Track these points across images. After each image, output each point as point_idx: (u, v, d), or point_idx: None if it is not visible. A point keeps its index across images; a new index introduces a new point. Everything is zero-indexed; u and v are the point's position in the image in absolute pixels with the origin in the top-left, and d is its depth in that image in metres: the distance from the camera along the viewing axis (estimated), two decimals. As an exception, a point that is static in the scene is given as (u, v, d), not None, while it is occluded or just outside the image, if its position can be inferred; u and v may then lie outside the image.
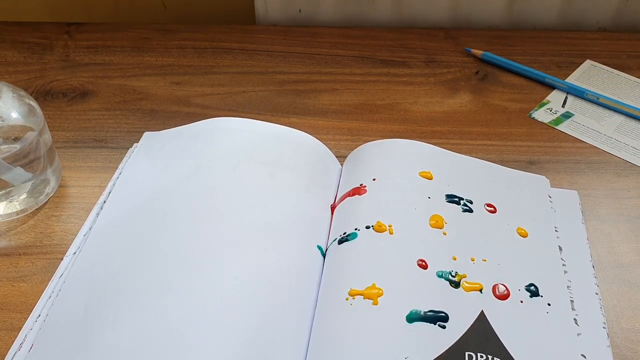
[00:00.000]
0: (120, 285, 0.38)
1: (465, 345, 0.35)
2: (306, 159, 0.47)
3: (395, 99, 0.57)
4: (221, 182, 0.44)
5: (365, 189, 0.44)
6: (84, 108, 0.56)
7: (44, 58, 0.62)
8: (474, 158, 0.48)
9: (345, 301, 0.37)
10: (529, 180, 0.47)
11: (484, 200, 0.44)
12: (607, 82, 0.59)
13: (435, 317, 0.36)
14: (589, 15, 0.67)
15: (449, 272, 0.39)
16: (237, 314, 0.36)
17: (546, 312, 0.38)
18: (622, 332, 0.39)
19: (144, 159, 0.47)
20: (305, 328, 0.37)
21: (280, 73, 0.60)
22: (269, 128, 0.48)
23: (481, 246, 0.41)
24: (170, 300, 0.37)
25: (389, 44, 0.64)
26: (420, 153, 0.47)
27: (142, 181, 0.45)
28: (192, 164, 0.45)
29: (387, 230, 0.41)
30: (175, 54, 0.62)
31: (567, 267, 0.41)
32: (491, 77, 0.60)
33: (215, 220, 0.41)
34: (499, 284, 0.39)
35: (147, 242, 0.40)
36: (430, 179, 0.45)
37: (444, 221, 0.42)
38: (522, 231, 0.43)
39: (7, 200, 0.45)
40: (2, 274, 0.42)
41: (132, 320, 0.36)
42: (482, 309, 0.37)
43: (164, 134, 0.50)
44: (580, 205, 0.46)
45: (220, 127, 0.48)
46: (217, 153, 0.46)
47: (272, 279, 0.38)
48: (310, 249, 0.41)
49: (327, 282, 0.39)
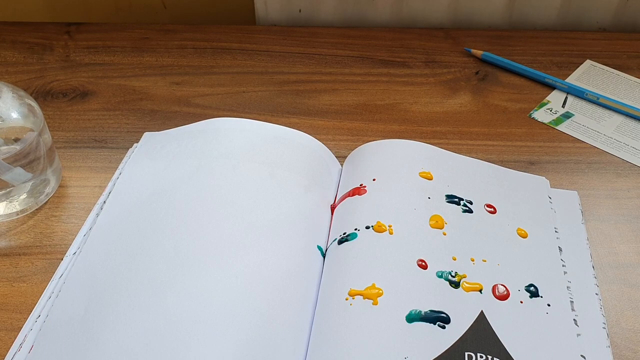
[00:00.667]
0: (121, 286, 0.38)
1: (464, 345, 0.35)
2: (306, 159, 0.47)
3: (395, 99, 0.57)
4: (221, 182, 0.44)
5: (365, 189, 0.44)
6: (84, 108, 0.56)
7: (44, 58, 0.62)
8: (474, 159, 0.48)
9: (345, 301, 0.37)
10: (529, 180, 0.47)
11: (484, 201, 0.44)
12: (607, 82, 0.59)
13: (435, 317, 0.36)
14: (589, 16, 0.67)
15: (449, 272, 0.39)
16: (238, 314, 0.36)
17: (546, 312, 0.38)
18: (622, 332, 0.39)
19: (144, 159, 0.47)
20: (305, 328, 0.37)
21: (280, 73, 0.60)
22: (269, 128, 0.48)
23: (481, 247, 0.41)
24: (170, 300, 0.37)
25: (389, 44, 0.64)
26: (420, 153, 0.47)
27: (142, 181, 0.45)
28: (192, 164, 0.45)
29: (387, 230, 0.41)
30: (175, 54, 0.62)
31: (567, 268, 0.41)
32: (491, 77, 0.60)
33: (216, 220, 0.41)
34: (499, 284, 0.39)
35: (147, 242, 0.40)
36: (430, 180, 0.45)
37: (444, 221, 0.42)
38: (522, 232, 0.43)
39: (7, 200, 0.45)
40: (2, 274, 0.42)
41: (133, 321, 0.36)
42: (482, 309, 0.38)
43: (163, 134, 0.50)
44: (580, 205, 0.46)
45: (220, 128, 0.48)
46: (217, 153, 0.46)
47: (272, 279, 0.38)
48: (310, 249, 0.41)
49: (327, 282, 0.39)
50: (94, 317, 0.37)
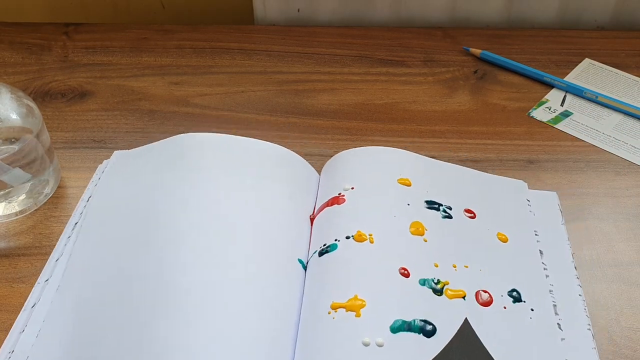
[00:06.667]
0: (105, 320, 0.37)
1: (450, 353, 0.35)
2: (282, 170, 0.46)
3: (394, 99, 0.57)
4: (199, 199, 0.42)
5: (344, 198, 0.43)
6: (82, 108, 0.56)
7: (42, 59, 0.62)
8: (452, 164, 0.48)
9: (328, 315, 0.36)
10: (507, 184, 0.47)
11: (463, 206, 0.44)
12: (606, 81, 0.59)
13: (420, 326, 0.36)
14: (587, 14, 0.67)
15: (432, 279, 0.38)
16: (221, 331, 0.36)
17: (529, 317, 0.38)
18: (622, 330, 0.39)
19: (116, 180, 0.46)
20: (289, 345, 0.36)
21: (278, 73, 0.60)
22: (242, 141, 0.47)
23: (462, 252, 0.41)
24: (155, 326, 0.36)
25: (388, 43, 0.64)
26: (398, 160, 0.46)
27: (116, 203, 0.43)
28: (168, 180, 0.44)
29: (368, 239, 0.40)
30: (173, 54, 0.62)
31: (549, 271, 0.41)
32: (490, 76, 0.60)
33: (196, 237, 0.40)
34: (482, 290, 0.39)
35: (126, 267, 0.39)
36: (409, 186, 0.44)
37: (424, 228, 0.41)
38: (502, 236, 0.42)
39: (6, 201, 0.45)
40: (1, 275, 0.42)
41: (120, 354, 0.35)
42: (466, 316, 0.37)
43: (134, 152, 0.48)
44: (559, 206, 0.46)
45: (192, 143, 0.46)
46: (193, 167, 0.44)
47: (255, 296, 0.38)
48: (291, 263, 0.40)
49: (309, 297, 0.39)
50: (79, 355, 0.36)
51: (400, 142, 0.52)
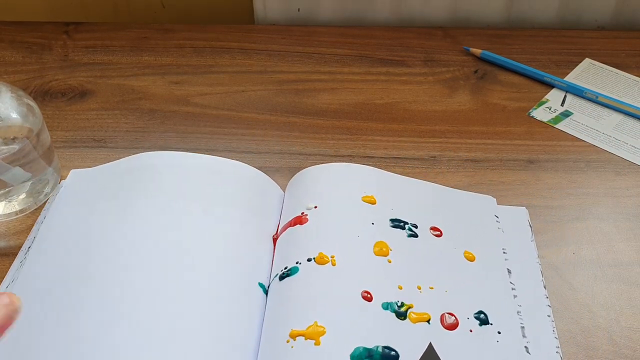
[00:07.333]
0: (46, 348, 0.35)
1: None
2: (242, 190, 0.44)
3: (394, 98, 0.57)
4: (150, 225, 0.41)
5: (306, 218, 0.41)
6: (82, 108, 0.56)
7: (42, 58, 0.62)
8: (418, 180, 0.47)
9: (286, 344, 0.35)
10: (475, 200, 0.46)
11: (429, 224, 0.43)
12: (606, 81, 0.59)
13: (382, 353, 0.34)
14: (587, 14, 0.67)
15: (395, 302, 0.37)
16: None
17: (496, 340, 0.37)
18: (622, 330, 0.39)
19: (69, 202, 0.45)
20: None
21: (279, 72, 0.60)
22: (201, 161, 0.45)
23: (427, 273, 0.39)
24: (104, 354, 0.34)
25: (388, 43, 0.64)
26: (363, 177, 0.45)
27: (66, 228, 0.42)
28: (119, 207, 0.42)
29: (330, 261, 0.38)
30: (174, 54, 0.62)
31: (517, 291, 0.40)
32: (490, 76, 0.60)
33: (147, 267, 0.38)
34: (447, 313, 0.38)
35: (73, 297, 0.37)
36: (374, 204, 0.43)
37: (389, 248, 0.40)
38: (469, 255, 0.41)
39: (6, 200, 0.45)
40: (1, 275, 0.42)
41: None
42: (431, 340, 0.36)
43: (91, 171, 0.47)
44: (529, 222, 0.45)
45: (149, 164, 0.45)
46: (145, 192, 0.43)
47: (211, 326, 0.36)
48: (251, 288, 0.39)
49: (269, 324, 0.37)
50: None
51: (400, 142, 0.52)
